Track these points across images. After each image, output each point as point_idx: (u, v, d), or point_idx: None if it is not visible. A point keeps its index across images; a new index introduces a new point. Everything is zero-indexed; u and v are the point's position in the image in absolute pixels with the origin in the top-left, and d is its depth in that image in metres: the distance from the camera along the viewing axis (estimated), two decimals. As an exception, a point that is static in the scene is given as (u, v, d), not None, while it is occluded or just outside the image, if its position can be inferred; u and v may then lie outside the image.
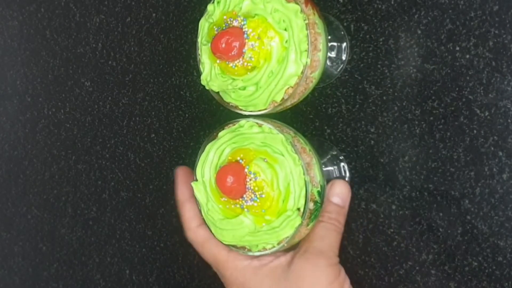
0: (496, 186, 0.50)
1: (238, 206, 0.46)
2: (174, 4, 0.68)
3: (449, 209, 0.52)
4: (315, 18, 0.47)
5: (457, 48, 0.50)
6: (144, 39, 0.71)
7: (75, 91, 0.79)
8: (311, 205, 0.46)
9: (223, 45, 0.45)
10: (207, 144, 0.49)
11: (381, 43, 0.54)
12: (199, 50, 0.49)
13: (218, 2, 0.47)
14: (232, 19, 0.46)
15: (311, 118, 0.59)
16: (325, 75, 0.52)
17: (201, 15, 0.49)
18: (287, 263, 0.47)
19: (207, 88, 0.49)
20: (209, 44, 0.46)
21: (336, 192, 0.50)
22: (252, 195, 0.45)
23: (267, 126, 0.46)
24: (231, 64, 0.46)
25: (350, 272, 0.48)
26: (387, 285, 0.56)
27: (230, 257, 0.48)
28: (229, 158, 0.47)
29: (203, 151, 0.49)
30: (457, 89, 0.51)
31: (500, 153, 0.49)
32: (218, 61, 0.47)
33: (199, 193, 0.48)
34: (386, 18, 0.53)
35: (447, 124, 0.51)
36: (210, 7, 0.48)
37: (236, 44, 0.45)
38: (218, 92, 0.50)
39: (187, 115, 0.69)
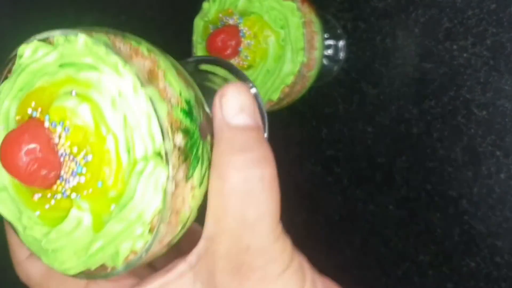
0: (494, 186, 0.49)
1: (60, 196, 0.24)
2: (168, 2, 0.67)
3: (447, 210, 0.52)
4: (311, 16, 0.47)
5: (455, 47, 0.50)
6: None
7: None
8: (178, 140, 0.24)
9: (219, 44, 0.44)
10: None
11: (378, 41, 0.53)
12: (195, 49, 0.49)
13: (213, 0, 0.47)
14: (228, 17, 0.46)
15: (308, 117, 0.59)
16: (322, 74, 0.51)
17: (197, 13, 0.49)
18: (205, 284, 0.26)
19: (202, 87, 0.49)
20: (205, 43, 0.46)
21: (238, 106, 0.26)
22: (72, 165, 0.23)
23: (60, 34, 0.25)
24: (227, 63, 0.45)
25: (346, 273, 0.48)
26: (384, 286, 0.56)
27: None
28: (17, 118, 0.25)
29: None
30: (454, 88, 0.50)
31: (498, 153, 0.49)
32: (213, 59, 0.46)
33: (3, 205, 0.27)
34: (383, 16, 0.53)
35: (444, 124, 0.51)
36: (205, 5, 0.48)
37: (232, 42, 0.44)
38: (213, 91, 0.49)
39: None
